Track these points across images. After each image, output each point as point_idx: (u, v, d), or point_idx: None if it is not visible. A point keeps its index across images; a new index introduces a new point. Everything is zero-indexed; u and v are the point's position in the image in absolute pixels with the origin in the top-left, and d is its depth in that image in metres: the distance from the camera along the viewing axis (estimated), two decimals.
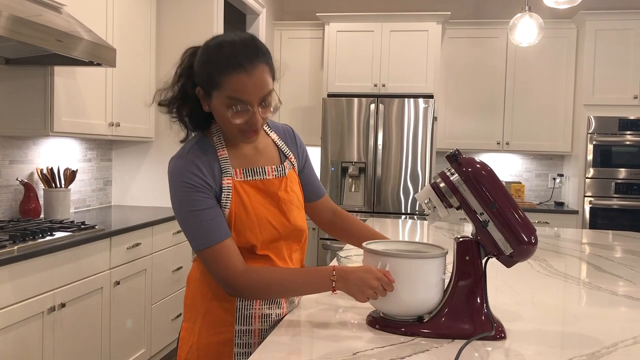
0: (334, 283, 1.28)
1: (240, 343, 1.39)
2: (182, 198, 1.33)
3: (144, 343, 3.23)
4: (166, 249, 3.43)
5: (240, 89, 1.26)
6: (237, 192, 1.36)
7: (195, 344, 1.40)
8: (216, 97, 1.29)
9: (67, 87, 2.95)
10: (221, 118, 1.32)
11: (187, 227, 1.34)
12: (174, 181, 1.34)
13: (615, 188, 4.71)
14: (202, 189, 1.32)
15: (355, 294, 1.27)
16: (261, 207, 1.39)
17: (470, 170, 1.27)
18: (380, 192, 4.75)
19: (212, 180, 1.34)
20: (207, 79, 1.30)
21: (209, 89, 1.30)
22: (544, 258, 2.25)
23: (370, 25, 4.91)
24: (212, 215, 1.32)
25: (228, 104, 1.28)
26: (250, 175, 1.40)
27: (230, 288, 1.32)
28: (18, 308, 2.19)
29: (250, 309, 1.39)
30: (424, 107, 4.67)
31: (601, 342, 1.24)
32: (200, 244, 1.31)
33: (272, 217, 1.40)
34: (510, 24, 3.56)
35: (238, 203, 1.36)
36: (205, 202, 1.32)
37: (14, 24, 2.18)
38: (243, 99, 1.27)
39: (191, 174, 1.32)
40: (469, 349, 1.18)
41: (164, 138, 3.97)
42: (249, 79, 1.26)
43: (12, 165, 3.03)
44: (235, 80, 1.26)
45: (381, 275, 1.25)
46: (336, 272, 1.28)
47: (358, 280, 1.26)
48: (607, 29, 4.72)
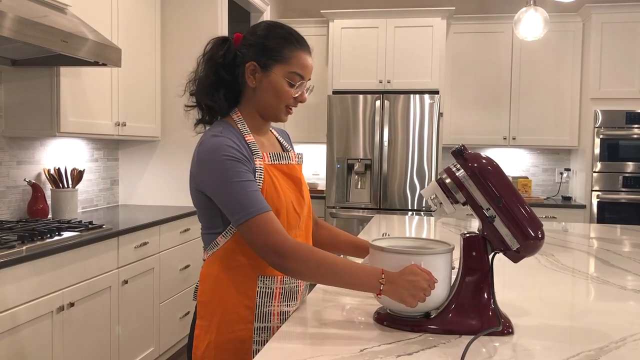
0: (382, 286, 1.25)
1: (258, 340, 1.39)
2: (225, 170, 1.31)
3: (152, 341, 3.24)
4: (174, 248, 3.44)
5: (304, 65, 1.42)
6: (268, 174, 1.40)
7: (213, 342, 1.39)
8: (279, 70, 1.40)
9: (73, 87, 2.96)
10: (276, 91, 1.41)
11: (231, 199, 1.31)
12: (213, 157, 1.33)
13: (623, 182, 4.69)
14: (244, 161, 1.34)
15: (407, 298, 1.23)
16: (287, 190, 1.43)
17: (476, 166, 1.27)
18: (387, 188, 4.74)
19: (249, 157, 1.37)
20: (273, 52, 1.40)
21: (272, 62, 1.40)
22: (552, 253, 2.25)
23: (374, 22, 4.90)
24: (256, 187, 1.33)
25: (290, 77, 1.41)
26: (277, 159, 1.45)
27: (279, 256, 1.28)
28: (27, 308, 2.20)
29: (269, 305, 1.40)
30: (430, 103, 4.65)
31: (609, 337, 1.24)
32: (248, 213, 1.29)
33: (295, 201, 1.44)
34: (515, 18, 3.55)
35: (270, 184, 1.39)
36: (248, 174, 1.33)
37: (19, 25, 2.19)
38: (303, 74, 1.43)
39: (230, 147, 1.34)
40: (477, 344, 1.18)
41: (170, 137, 3.98)
42: (309, 58, 1.45)
43: (20, 166, 3.05)
44: (302, 57, 1.42)
45: (427, 275, 1.24)
46: (385, 276, 1.26)
47: (409, 285, 1.23)
48: (613, 22, 4.69)
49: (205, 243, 1.45)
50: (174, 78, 3.84)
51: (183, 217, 3.52)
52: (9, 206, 2.98)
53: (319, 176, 5.60)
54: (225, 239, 1.39)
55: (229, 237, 1.39)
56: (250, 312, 1.39)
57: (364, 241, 1.63)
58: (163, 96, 3.92)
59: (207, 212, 1.40)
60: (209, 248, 1.43)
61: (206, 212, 1.41)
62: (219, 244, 1.41)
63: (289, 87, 1.41)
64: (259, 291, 1.39)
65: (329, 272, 1.29)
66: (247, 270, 1.39)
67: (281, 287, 1.42)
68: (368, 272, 1.28)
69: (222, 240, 1.40)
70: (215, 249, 1.41)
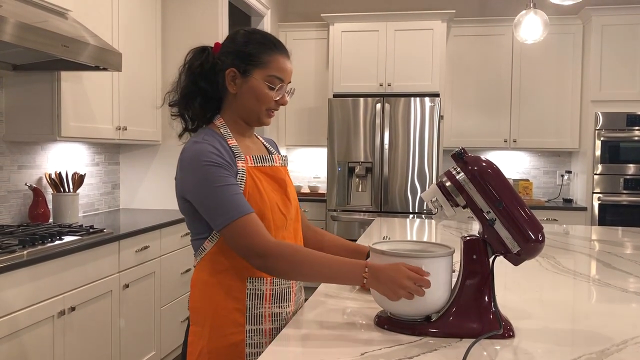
0: (365, 280, 1.26)
1: (251, 343, 1.39)
2: (205, 176, 1.33)
3: (153, 345, 3.24)
4: (175, 252, 3.44)
5: (282, 69, 1.44)
6: (250, 176, 1.40)
7: (206, 348, 1.39)
8: (257, 74, 1.42)
9: (74, 92, 2.97)
10: (256, 95, 1.43)
11: (212, 204, 1.32)
12: (194, 163, 1.34)
13: (624, 184, 4.68)
14: (225, 166, 1.35)
15: (387, 293, 1.24)
16: (271, 192, 1.43)
17: (476, 169, 1.27)
18: (388, 191, 4.74)
19: (231, 161, 1.38)
20: (251, 58, 1.42)
21: (251, 67, 1.42)
22: (553, 255, 2.24)
23: (374, 25, 4.91)
24: (237, 190, 1.34)
25: (269, 81, 1.43)
26: (260, 161, 1.46)
27: (262, 259, 1.29)
28: (28, 312, 2.20)
29: (260, 307, 1.40)
30: (430, 106, 4.66)
31: (611, 340, 1.24)
32: (230, 217, 1.30)
33: (280, 202, 1.44)
34: (515, 21, 3.55)
35: (252, 186, 1.39)
36: (229, 179, 1.34)
37: (20, 30, 2.20)
38: (283, 77, 1.44)
39: (211, 153, 1.35)
40: (478, 347, 1.18)
41: (171, 141, 3.98)
42: (288, 62, 1.47)
43: (21, 170, 3.05)
44: (280, 60, 1.44)
45: (412, 273, 1.22)
46: (368, 269, 1.26)
47: (388, 280, 1.23)
48: (613, 24, 4.69)
49: (194, 249, 1.45)
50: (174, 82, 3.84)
51: (184, 221, 3.49)
52: (10, 211, 2.98)
53: (319, 179, 5.60)
54: (212, 243, 1.40)
55: (215, 241, 1.39)
56: (241, 315, 1.38)
57: (351, 242, 1.64)
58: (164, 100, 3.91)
59: (193, 218, 1.41)
60: (197, 254, 1.44)
61: (192, 219, 1.42)
62: (206, 249, 1.41)
63: (269, 90, 1.43)
64: (248, 293, 1.39)
65: (312, 270, 1.30)
66: (235, 272, 1.39)
67: (271, 288, 1.41)
68: (353, 266, 1.29)
69: (208, 245, 1.40)
70: (203, 254, 1.42)
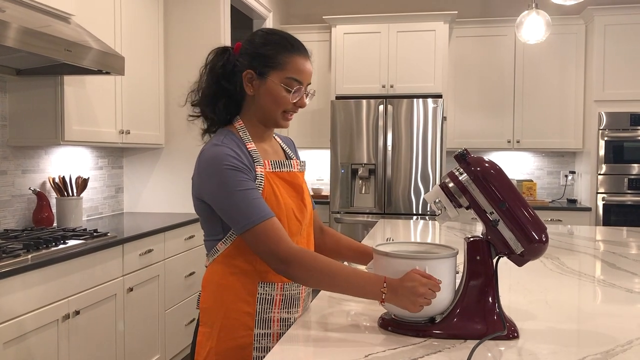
0: (384, 295, 1.26)
1: (259, 347, 1.39)
2: (226, 180, 1.33)
3: (158, 349, 3.24)
4: (178, 255, 3.44)
5: (300, 70, 1.41)
6: (268, 182, 1.40)
7: (214, 349, 1.40)
8: (275, 76, 1.40)
9: (77, 96, 2.98)
10: (273, 98, 1.41)
11: (234, 208, 1.32)
12: (214, 166, 1.34)
13: (629, 184, 4.67)
14: (245, 170, 1.35)
15: (408, 305, 1.23)
16: (287, 197, 1.43)
17: (479, 170, 1.27)
18: (391, 193, 4.74)
19: (250, 166, 1.38)
20: (268, 59, 1.40)
21: (267, 69, 1.40)
22: (557, 256, 2.24)
23: (377, 27, 4.91)
24: (258, 195, 1.34)
25: (287, 83, 1.41)
26: (278, 166, 1.45)
27: (283, 263, 1.30)
28: (33, 316, 2.21)
29: (269, 312, 1.40)
30: (433, 107, 4.65)
31: (616, 340, 1.23)
32: (252, 220, 1.31)
33: (296, 208, 1.44)
34: (517, 21, 3.55)
35: (270, 192, 1.39)
36: (249, 183, 1.34)
37: (23, 35, 2.21)
38: (301, 79, 1.42)
39: (231, 157, 1.35)
40: (482, 349, 1.18)
41: (174, 144, 3.99)
42: (306, 63, 1.43)
43: (25, 174, 3.06)
44: (299, 62, 1.41)
45: (425, 279, 1.23)
46: (387, 284, 1.26)
47: (407, 292, 1.22)
48: (616, 24, 4.68)
49: (207, 250, 1.46)
50: (177, 86, 3.85)
51: (188, 224, 3.52)
52: (14, 215, 2.99)
53: (323, 181, 5.60)
54: (225, 245, 1.40)
55: (229, 244, 1.40)
56: (250, 319, 1.39)
57: (367, 247, 1.63)
58: (167, 104, 3.93)
59: (208, 219, 1.41)
60: (210, 254, 1.44)
61: (207, 219, 1.42)
62: (219, 250, 1.41)
63: (286, 92, 1.41)
64: (259, 297, 1.40)
65: (332, 279, 1.30)
66: (247, 276, 1.40)
67: (281, 293, 1.42)
68: (371, 281, 1.28)
69: (222, 247, 1.41)
70: (215, 255, 1.42)
